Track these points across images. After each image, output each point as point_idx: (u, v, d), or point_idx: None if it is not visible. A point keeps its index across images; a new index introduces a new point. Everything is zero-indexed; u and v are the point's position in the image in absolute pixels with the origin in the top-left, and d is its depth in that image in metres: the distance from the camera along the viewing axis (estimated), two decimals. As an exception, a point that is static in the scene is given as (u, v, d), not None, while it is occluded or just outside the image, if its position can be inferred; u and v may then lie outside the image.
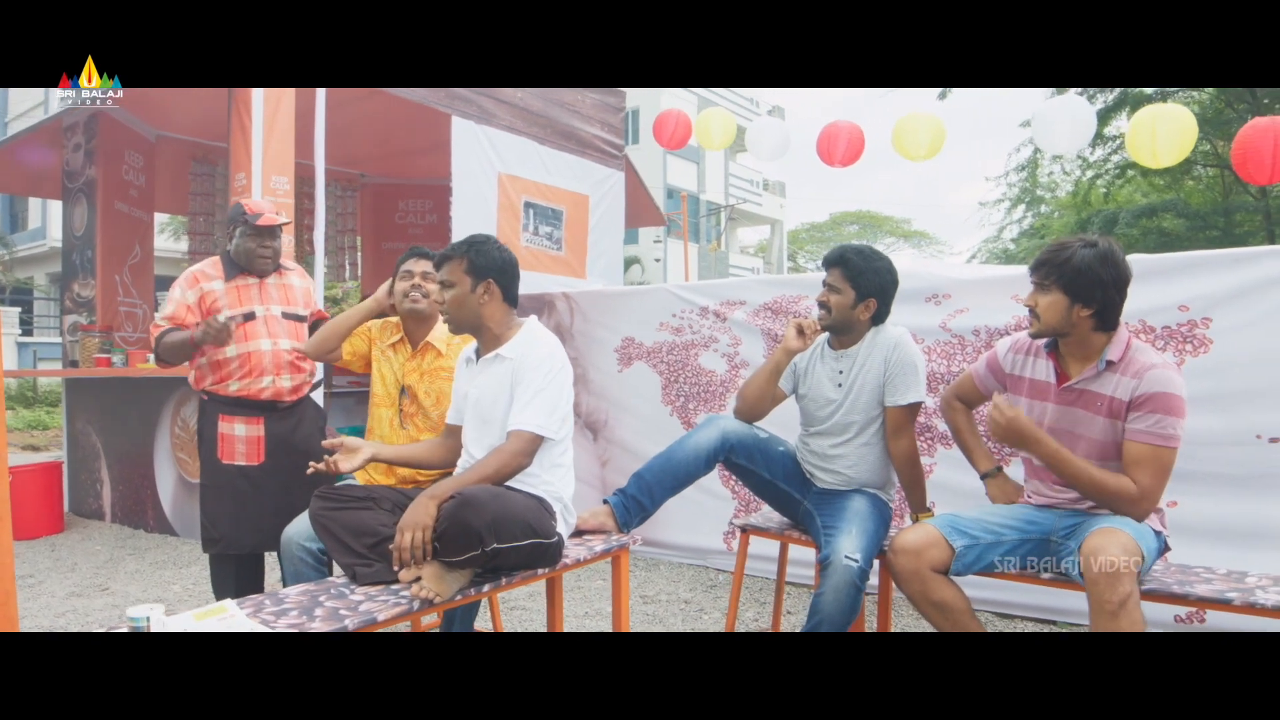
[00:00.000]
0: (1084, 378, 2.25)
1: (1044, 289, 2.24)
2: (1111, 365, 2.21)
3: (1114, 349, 2.22)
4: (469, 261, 2.28)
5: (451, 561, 2.01)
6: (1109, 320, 2.21)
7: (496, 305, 2.30)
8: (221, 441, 2.92)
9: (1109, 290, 2.18)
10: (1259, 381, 2.90)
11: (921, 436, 3.49)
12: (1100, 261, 2.17)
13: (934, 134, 4.80)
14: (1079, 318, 2.20)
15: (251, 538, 2.92)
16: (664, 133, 6.34)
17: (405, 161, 7.61)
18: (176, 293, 2.94)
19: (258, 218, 2.91)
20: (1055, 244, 2.27)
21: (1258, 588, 2.21)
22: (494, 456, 2.13)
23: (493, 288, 2.28)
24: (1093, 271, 2.17)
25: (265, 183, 4.37)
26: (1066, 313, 2.21)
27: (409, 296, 2.80)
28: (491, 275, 2.28)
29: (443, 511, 1.97)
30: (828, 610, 2.42)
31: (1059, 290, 2.21)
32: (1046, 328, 2.25)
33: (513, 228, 5.89)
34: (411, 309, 2.81)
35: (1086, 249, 2.19)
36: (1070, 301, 2.20)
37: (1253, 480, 2.90)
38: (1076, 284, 2.18)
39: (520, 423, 2.15)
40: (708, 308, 4.15)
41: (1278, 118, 3.87)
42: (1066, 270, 2.19)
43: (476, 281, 2.28)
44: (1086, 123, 4.42)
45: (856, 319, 2.64)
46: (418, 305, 2.79)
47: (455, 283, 2.29)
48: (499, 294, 2.30)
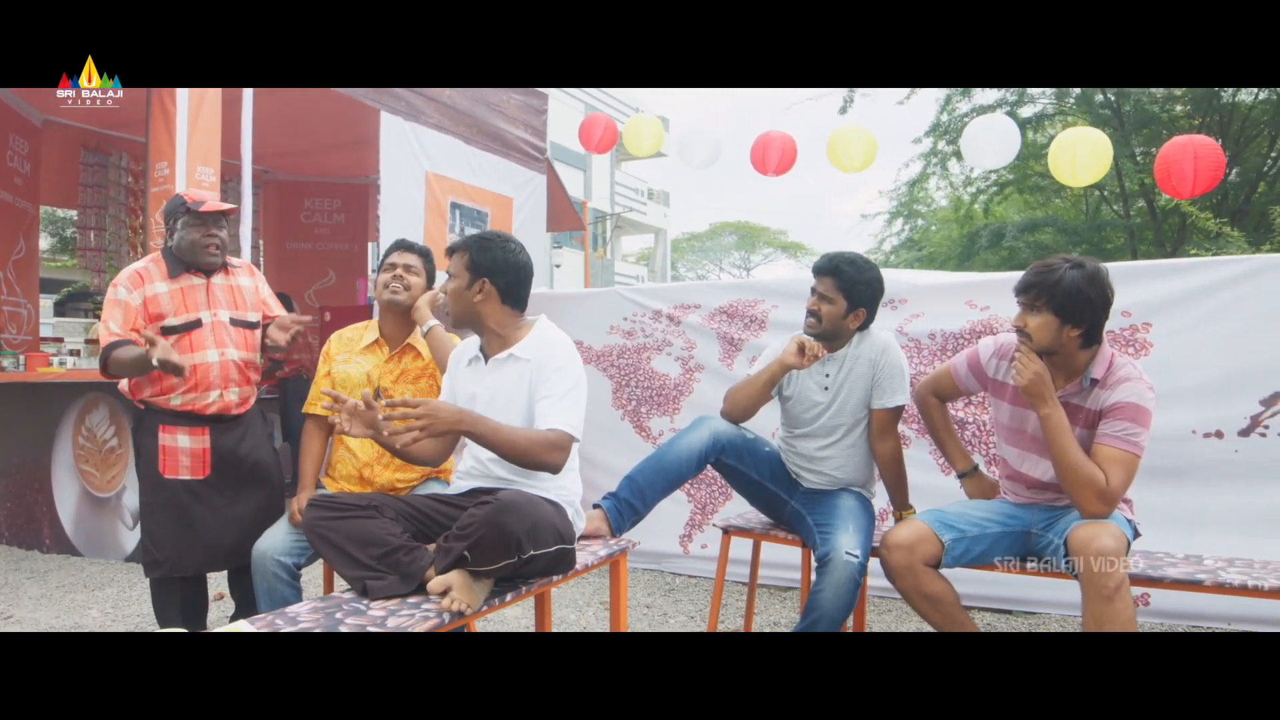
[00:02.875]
0: (1068, 393, 2.34)
1: (1034, 310, 2.30)
2: (1095, 383, 2.31)
3: (1098, 367, 2.31)
4: (470, 257, 2.23)
5: (483, 571, 1.93)
6: (1094, 337, 2.31)
7: (494, 305, 2.24)
8: (163, 454, 2.68)
9: (1097, 310, 2.27)
10: (1194, 381, 3.13)
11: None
12: (1089, 283, 2.25)
13: (867, 147, 4.98)
14: (1068, 337, 2.28)
15: (199, 558, 2.71)
16: (591, 137, 6.31)
17: (313, 159, 7.28)
18: (121, 293, 2.67)
19: (200, 205, 2.70)
20: (1042, 266, 2.32)
21: (1219, 569, 2.39)
22: (535, 435, 2.05)
23: (488, 287, 2.22)
24: (1082, 293, 2.24)
25: (190, 174, 4.09)
26: (1057, 333, 2.28)
27: (389, 287, 2.71)
28: (487, 275, 2.22)
29: (478, 518, 1.89)
30: (827, 606, 2.45)
31: (1049, 312, 2.27)
32: (1039, 347, 2.31)
33: (439, 229, 5.73)
34: (390, 300, 2.72)
35: (1074, 270, 2.26)
36: (1061, 322, 2.26)
37: (1190, 471, 3.13)
38: (1067, 306, 2.25)
39: (559, 422, 2.09)
40: (661, 311, 4.16)
41: (1195, 135, 4.23)
42: (1057, 292, 2.25)
43: (473, 279, 2.22)
44: (1012, 140, 4.70)
45: (846, 327, 2.69)
46: (397, 297, 2.71)
47: (455, 275, 2.24)
48: (495, 294, 2.24)
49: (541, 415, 2.11)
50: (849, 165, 5.03)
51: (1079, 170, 4.30)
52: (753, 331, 3.92)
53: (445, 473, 2.82)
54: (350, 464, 2.70)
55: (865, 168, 5.06)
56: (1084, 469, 2.24)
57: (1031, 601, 3.39)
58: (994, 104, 10.93)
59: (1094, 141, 4.33)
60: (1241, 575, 2.32)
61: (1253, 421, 3.09)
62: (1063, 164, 4.37)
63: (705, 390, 4.02)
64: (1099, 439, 2.29)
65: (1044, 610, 3.40)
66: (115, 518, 4.37)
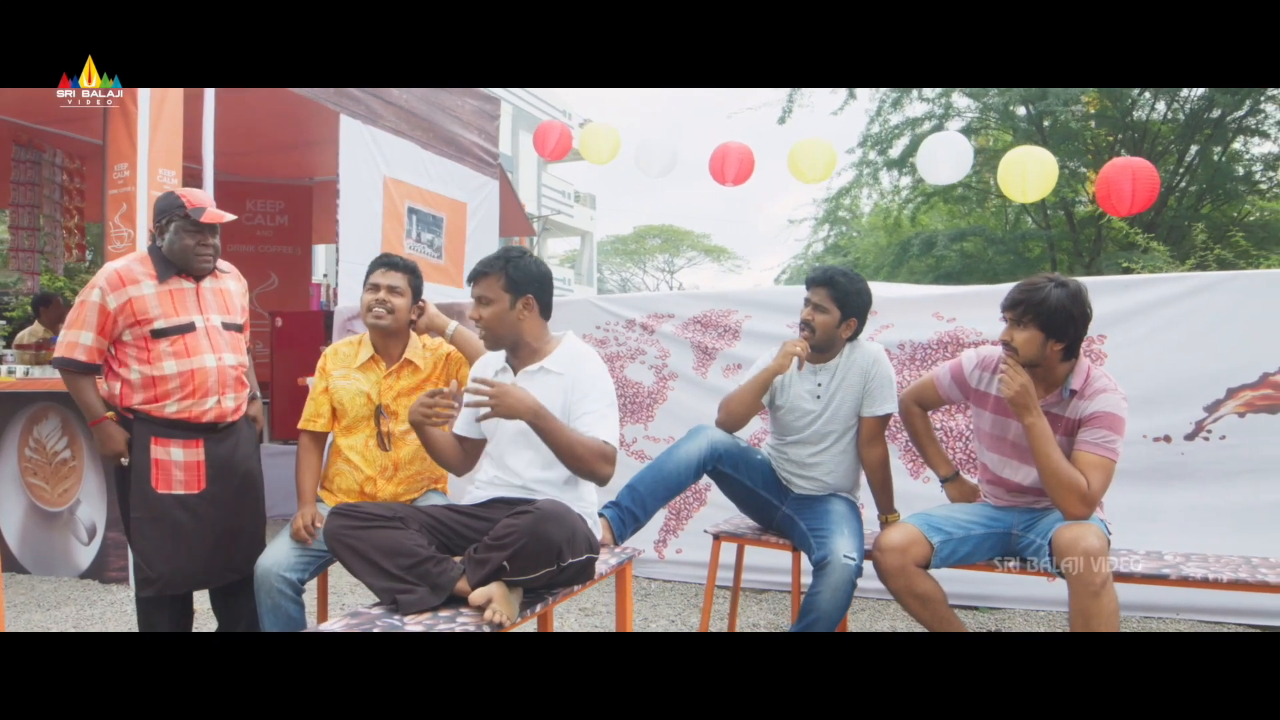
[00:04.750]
0: (1048, 403, 2.51)
1: (1021, 325, 2.45)
2: (1074, 394, 2.48)
3: (1076, 379, 2.48)
4: (506, 277, 2.24)
5: (520, 580, 1.97)
6: (1075, 351, 2.48)
7: (534, 320, 2.28)
8: (156, 468, 2.58)
9: (1078, 326, 2.44)
10: (1144, 389, 3.36)
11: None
12: (1072, 301, 2.42)
13: (826, 158, 5.16)
14: (1051, 351, 2.44)
15: (194, 576, 2.63)
16: (545, 144, 6.33)
17: (257, 159, 7.09)
18: (97, 295, 2.54)
19: (200, 212, 2.58)
20: (1028, 284, 2.48)
21: (1179, 564, 2.59)
22: (592, 444, 2.12)
23: (531, 302, 2.26)
24: (1066, 310, 2.41)
25: (152, 176, 3.99)
26: (1041, 347, 2.43)
27: (372, 311, 2.66)
28: (531, 290, 2.25)
29: (518, 527, 1.93)
30: (824, 608, 2.56)
31: (1035, 327, 2.42)
32: (1024, 360, 2.46)
33: (396, 233, 5.68)
34: (374, 324, 2.68)
35: (1059, 289, 2.42)
36: (1045, 337, 2.42)
37: (1138, 475, 3.35)
38: (1052, 322, 2.41)
39: (607, 435, 2.16)
40: (634, 320, 4.22)
41: (1134, 158, 4.53)
42: (1043, 310, 2.41)
43: (515, 297, 2.24)
44: (965, 156, 4.94)
45: (839, 337, 2.80)
46: (381, 322, 2.66)
47: (493, 299, 2.24)
48: (537, 308, 2.28)
49: (589, 429, 2.16)
50: (811, 176, 5.20)
51: (1028, 186, 4.56)
52: (726, 341, 4.03)
53: (443, 483, 2.83)
54: (351, 478, 2.68)
55: (825, 178, 5.23)
56: (1067, 474, 2.40)
57: (997, 598, 3.58)
58: (922, 116, 11.35)
59: (1041, 160, 4.61)
60: (1201, 569, 2.53)
61: (1197, 426, 3.34)
62: (1012, 181, 4.63)
63: (680, 398, 4.10)
64: (1079, 446, 2.45)
65: (1009, 606, 3.60)
66: (68, 533, 4.21)
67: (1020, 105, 10.10)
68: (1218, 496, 3.30)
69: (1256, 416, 3.28)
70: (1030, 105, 9.76)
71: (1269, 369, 3.26)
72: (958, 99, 11.08)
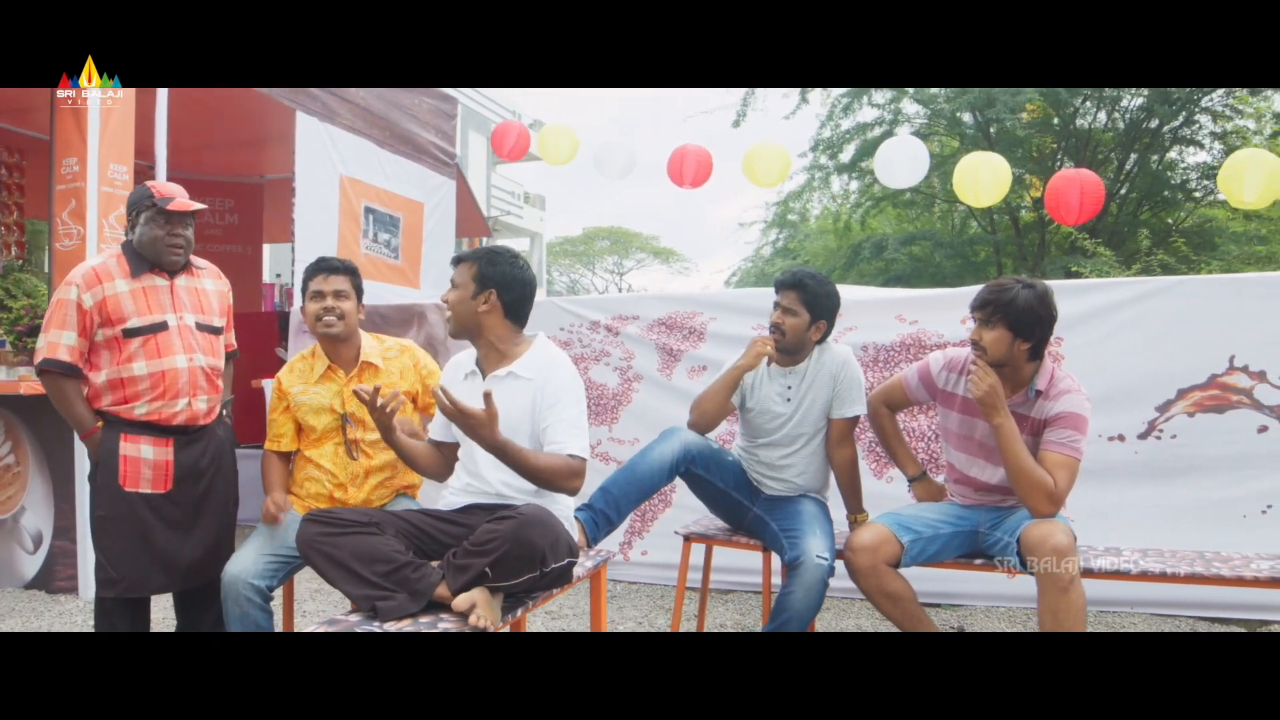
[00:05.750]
0: (1014, 403, 2.57)
1: (989, 325, 2.51)
2: (1040, 393, 2.55)
3: (1042, 379, 2.55)
4: (478, 268, 2.24)
5: (503, 586, 1.95)
6: (1040, 351, 2.55)
7: (497, 319, 2.26)
8: (124, 465, 2.49)
9: (1045, 326, 2.51)
10: (1100, 390, 3.43)
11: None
12: (1039, 301, 2.48)
13: (781, 163, 5.22)
14: (1019, 350, 2.50)
15: (158, 577, 2.54)
16: (504, 144, 6.29)
17: (206, 156, 6.89)
18: (73, 293, 2.46)
19: (168, 201, 2.51)
20: (996, 285, 2.55)
21: (1140, 559, 2.67)
22: (556, 461, 2.10)
23: (493, 299, 2.24)
24: (1033, 310, 2.47)
25: (102, 171, 3.85)
26: (1009, 346, 2.50)
27: (322, 320, 2.61)
28: (494, 286, 2.24)
29: (501, 533, 1.91)
30: (798, 607, 2.59)
31: (1004, 327, 2.49)
32: (992, 360, 2.52)
33: (353, 233, 5.58)
34: (326, 334, 2.62)
35: (1026, 290, 2.49)
36: (1013, 337, 2.49)
37: (1095, 473, 3.44)
38: (1020, 322, 2.47)
39: (576, 448, 2.13)
40: (599, 322, 4.21)
41: (1081, 170, 4.67)
42: (1012, 310, 2.47)
43: (480, 289, 2.23)
44: (922, 160, 5.04)
45: (808, 340, 2.83)
46: (332, 330, 2.61)
47: (460, 285, 2.25)
48: (499, 308, 2.26)
49: (556, 441, 2.14)
50: (765, 180, 5.25)
51: (981, 191, 4.68)
52: (691, 343, 4.04)
53: (414, 489, 2.79)
54: (320, 483, 2.63)
55: (780, 182, 5.29)
56: (1034, 474, 2.46)
57: (959, 595, 3.66)
58: (872, 122, 11.53)
59: (995, 166, 4.72)
60: (1158, 564, 2.61)
61: (1149, 426, 3.45)
62: (966, 186, 4.74)
63: (644, 400, 4.11)
64: (1045, 445, 2.52)
65: (970, 602, 3.68)
66: (12, 541, 4.05)
67: (967, 112, 10.32)
68: (1169, 493, 3.42)
69: (1205, 416, 3.40)
70: (979, 112, 9.97)
71: (1216, 370, 3.39)
72: (907, 105, 11.29)
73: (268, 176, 7.34)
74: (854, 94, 10.98)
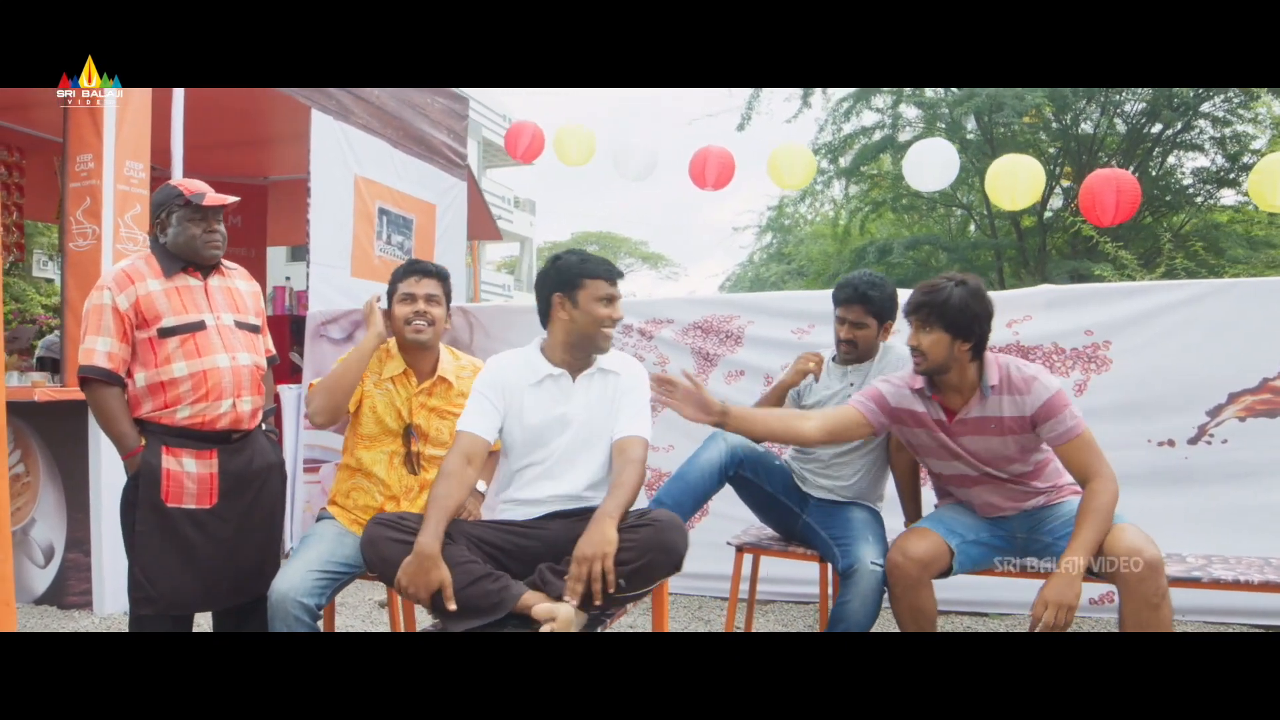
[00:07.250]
0: (969, 407, 2.43)
1: (926, 329, 2.37)
2: (994, 389, 2.40)
3: (990, 374, 2.40)
4: None
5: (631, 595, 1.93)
6: (981, 349, 2.41)
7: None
8: (166, 479, 2.36)
9: (983, 323, 2.37)
10: (1149, 394, 3.42)
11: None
12: (974, 298, 2.35)
13: (806, 164, 5.15)
14: (960, 351, 2.36)
15: (198, 595, 2.42)
16: (517, 146, 6.19)
17: (210, 156, 6.74)
18: (108, 297, 2.35)
19: (201, 198, 2.40)
20: (928, 286, 2.41)
21: (1205, 566, 2.59)
22: (634, 469, 2.07)
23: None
24: (969, 308, 2.34)
25: (119, 168, 3.75)
26: (949, 348, 2.36)
27: (412, 325, 2.49)
28: None
29: (638, 541, 1.85)
30: (855, 616, 2.50)
31: (941, 329, 2.35)
32: (933, 364, 2.39)
33: (367, 235, 5.47)
34: (414, 340, 2.51)
35: (959, 288, 2.35)
36: (952, 338, 2.35)
37: (1144, 478, 3.39)
38: (957, 322, 2.34)
39: (641, 429, 2.15)
40: (632, 325, 4.12)
41: (1117, 170, 4.63)
42: (947, 310, 2.33)
43: None
44: (953, 164, 4.98)
45: (879, 343, 2.79)
46: (421, 336, 2.49)
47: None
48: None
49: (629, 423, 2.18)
50: (790, 182, 5.19)
51: (1017, 195, 4.63)
52: (728, 347, 3.96)
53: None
54: (370, 494, 2.52)
55: (805, 184, 5.23)
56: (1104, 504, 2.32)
57: (1003, 603, 3.58)
58: (873, 126, 11.53)
59: (1029, 167, 4.68)
60: (1226, 571, 2.53)
61: (1200, 430, 3.40)
62: (1002, 189, 4.69)
63: (678, 405, 4.01)
64: (1052, 444, 2.38)
65: (1014, 611, 3.60)
66: (22, 555, 3.90)
67: (971, 116, 10.31)
68: (1221, 499, 3.36)
69: (1257, 420, 3.35)
70: (986, 116, 9.97)
71: (1268, 374, 3.34)
72: (907, 110, 11.28)
73: (272, 178, 7.21)
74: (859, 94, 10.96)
